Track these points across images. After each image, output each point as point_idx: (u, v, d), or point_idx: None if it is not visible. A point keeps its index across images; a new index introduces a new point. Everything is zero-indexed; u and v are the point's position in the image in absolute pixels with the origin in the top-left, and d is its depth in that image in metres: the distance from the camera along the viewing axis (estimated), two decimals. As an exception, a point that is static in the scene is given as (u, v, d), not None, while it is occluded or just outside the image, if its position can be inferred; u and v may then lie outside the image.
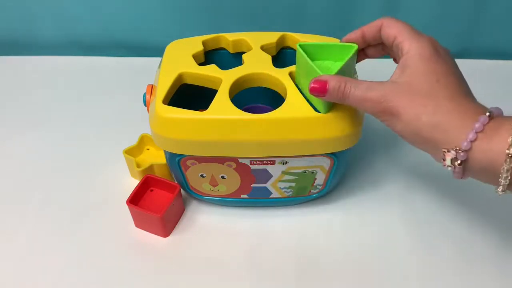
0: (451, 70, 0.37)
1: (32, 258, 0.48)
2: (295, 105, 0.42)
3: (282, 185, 0.49)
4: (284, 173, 0.47)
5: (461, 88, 0.36)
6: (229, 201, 0.51)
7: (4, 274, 0.47)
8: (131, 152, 0.54)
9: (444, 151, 0.34)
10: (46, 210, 0.52)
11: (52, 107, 0.65)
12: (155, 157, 0.55)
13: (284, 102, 0.43)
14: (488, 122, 0.33)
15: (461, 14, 0.69)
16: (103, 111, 0.64)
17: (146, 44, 0.74)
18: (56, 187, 0.54)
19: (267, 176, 0.47)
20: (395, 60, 0.42)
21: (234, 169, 0.46)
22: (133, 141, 0.54)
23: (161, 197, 0.50)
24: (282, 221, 0.51)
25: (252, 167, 0.46)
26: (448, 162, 0.34)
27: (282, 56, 0.51)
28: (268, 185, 0.49)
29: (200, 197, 0.52)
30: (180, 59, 0.47)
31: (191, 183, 0.49)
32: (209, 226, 0.51)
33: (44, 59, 0.72)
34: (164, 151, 0.46)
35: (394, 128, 0.37)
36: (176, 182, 0.50)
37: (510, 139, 0.32)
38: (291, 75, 0.45)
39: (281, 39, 0.51)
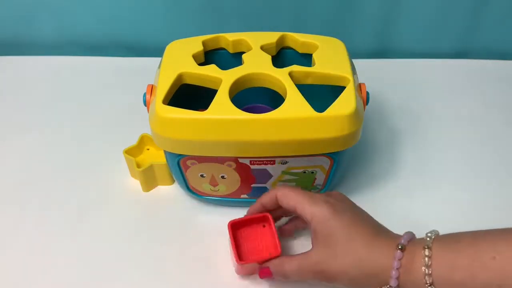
0: (355, 217, 0.41)
1: (32, 258, 0.48)
2: (295, 105, 0.42)
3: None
4: (284, 173, 0.47)
5: (369, 230, 0.40)
6: (229, 201, 0.51)
7: (4, 274, 0.47)
8: (131, 152, 0.54)
9: None
10: (46, 210, 0.52)
11: (52, 107, 0.65)
12: (155, 157, 0.55)
13: (284, 102, 0.42)
14: (402, 257, 0.37)
15: (461, 14, 0.69)
16: (103, 111, 0.64)
17: (146, 44, 0.73)
18: (56, 187, 0.54)
19: (267, 176, 0.47)
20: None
21: (234, 169, 0.46)
22: (133, 141, 0.54)
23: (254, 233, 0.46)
24: (282, 221, 0.51)
25: (252, 167, 0.46)
26: None
27: (282, 56, 0.51)
28: (268, 185, 0.49)
29: (200, 197, 0.51)
30: (180, 59, 0.47)
31: (191, 183, 0.49)
32: (209, 226, 0.51)
33: (44, 59, 0.72)
34: (164, 151, 0.46)
35: (339, 285, 0.41)
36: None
37: (423, 269, 0.36)
38: (291, 75, 0.45)
39: (281, 39, 0.51)
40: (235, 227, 0.45)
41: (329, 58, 0.47)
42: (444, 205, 0.53)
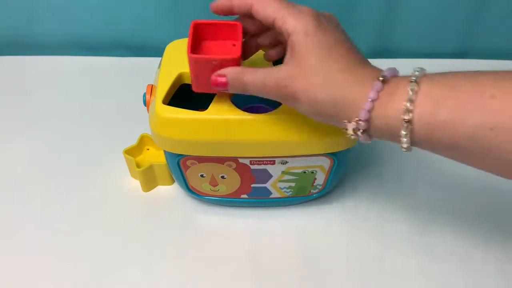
0: (340, 40, 0.36)
1: (32, 258, 0.48)
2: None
3: (282, 185, 0.49)
4: (284, 173, 0.47)
5: (351, 56, 0.35)
6: (229, 201, 0.51)
7: (4, 274, 0.47)
8: (131, 152, 0.54)
9: (345, 122, 0.35)
10: (46, 210, 0.52)
11: (52, 107, 0.65)
12: (155, 157, 0.55)
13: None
14: (382, 89, 0.33)
15: (461, 14, 0.69)
16: (103, 111, 0.64)
17: (146, 44, 0.73)
18: (56, 187, 0.54)
19: (267, 176, 0.47)
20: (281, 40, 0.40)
21: (234, 169, 0.46)
22: (133, 141, 0.54)
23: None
24: (282, 221, 0.51)
25: (252, 167, 0.46)
26: (350, 131, 0.35)
27: (282, 56, 0.51)
28: (268, 185, 0.49)
29: (200, 197, 0.52)
30: (180, 59, 0.47)
31: (191, 183, 0.49)
32: (209, 226, 0.51)
33: (44, 59, 0.72)
34: (164, 151, 0.46)
35: (298, 110, 0.37)
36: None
37: (404, 104, 0.32)
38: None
39: (281, 39, 0.51)
40: (198, 31, 0.40)
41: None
42: (446, 203, 0.53)
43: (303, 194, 0.51)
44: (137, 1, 0.69)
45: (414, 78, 0.32)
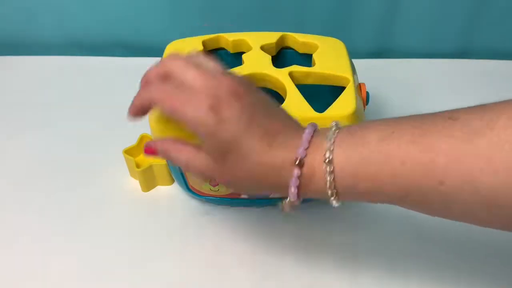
0: (252, 122, 0.33)
1: (32, 258, 0.48)
2: (294, 105, 0.42)
3: (282, 185, 0.49)
4: (283, 173, 0.47)
5: (265, 141, 0.33)
6: (229, 201, 0.51)
7: (4, 274, 0.47)
8: (130, 152, 0.54)
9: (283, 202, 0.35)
10: (45, 210, 0.52)
11: (52, 107, 0.65)
12: (155, 157, 0.55)
13: (284, 102, 0.43)
14: (301, 174, 0.33)
15: (461, 14, 0.69)
16: (103, 111, 0.64)
17: (146, 44, 0.73)
18: (56, 187, 0.54)
19: (266, 176, 0.47)
20: None
21: (233, 169, 0.46)
22: (133, 141, 0.54)
23: None
24: (281, 221, 0.51)
25: (252, 167, 0.46)
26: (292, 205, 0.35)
27: (282, 56, 0.51)
28: (268, 185, 0.49)
29: (200, 197, 0.51)
30: (180, 59, 0.47)
31: (191, 183, 0.49)
32: (209, 226, 0.51)
33: (44, 59, 0.72)
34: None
35: (234, 191, 0.39)
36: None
37: (326, 180, 0.32)
38: (291, 75, 0.45)
39: (281, 39, 0.51)
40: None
41: (329, 58, 0.47)
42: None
43: (303, 194, 0.51)
44: (137, 1, 0.69)
45: (328, 157, 0.32)
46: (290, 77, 0.45)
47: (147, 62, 0.60)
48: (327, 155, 0.32)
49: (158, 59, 0.48)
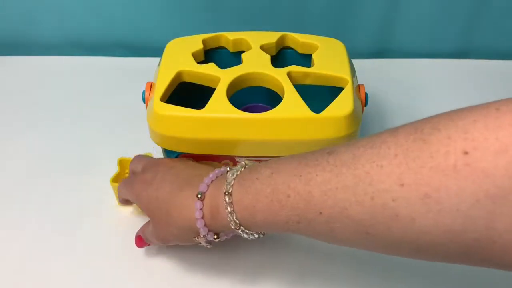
0: (156, 192, 0.41)
1: (30, 259, 0.48)
2: (292, 105, 0.42)
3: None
4: (282, 172, 0.47)
5: (172, 193, 0.40)
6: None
7: (4, 274, 0.47)
8: (117, 179, 0.51)
9: (196, 240, 0.40)
10: (44, 210, 0.52)
11: (52, 107, 0.65)
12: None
13: (281, 102, 0.42)
14: (203, 206, 0.37)
15: (461, 14, 0.69)
16: (102, 111, 0.64)
17: (146, 44, 0.73)
18: (55, 187, 0.54)
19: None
20: None
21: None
22: (132, 142, 0.54)
23: None
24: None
25: (250, 166, 0.46)
26: (204, 243, 0.40)
27: (281, 56, 0.51)
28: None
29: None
30: (180, 57, 0.47)
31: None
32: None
33: (44, 59, 0.72)
34: (162, 148, 0.46)
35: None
36: None
37: (227, 215, 0.35)
38: (289, 75, 0.45)
39: (281, 39, 0.51)
40: None
41: (329, 59, 0.47)
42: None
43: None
44: (137, 1, 0.69)
45: (226, 191, 0.35)
46: (288, 77, 0.45)
47: (147, 62, 0.61)
48: (227, 187, 0.35)
49: (158, 59, 0.49)
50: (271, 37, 0.50)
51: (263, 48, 0.48)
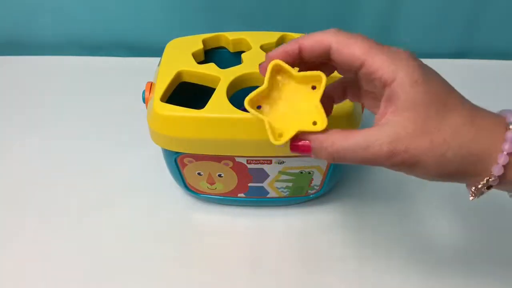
0: (449, 87, 0.32)
1: (31, 258, 0.48)
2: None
3: (279, 184, 0.49)
4: (280, 172, 0.47)
5: (466, 105, 0.31)
6: (227, 199, 0.51)
7: (5, 275, 0.47)
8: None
9: (473, 179, 0.30)
10: (46, 210, 0.52)
11: (52, 107, 0.65)
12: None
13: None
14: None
15: (461, 14, 0.69)
16: (103, 111, 0.64)
17: (146, 44, 0.74)
18: (56, 187, 0.54)
19: (263, 175, 0.47)
20: (356, 91, 0.35)
21: (231, 167, 0.46)
22: (133, 141, 0.54)
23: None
24: (280, 221, 0.51)
25: (249, 166, 0.46)
26: (474, 190, 0.31)
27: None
28: (265, 184, 0.49)
29: (198, 195, 0.52)
30: (180, 57, 0.47)
31: (189, 181, 0.49)
32: (207, 224, 0.51)
33: (44, 59, 0.72)
34: (162, 148, 0.46)
35: (415, 175, 0.31)
36: None
37: None
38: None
39: (281, 39, 0.51)
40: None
41: None
42: (445, 203, 0.53)
43: (300, 195, 0.51)
44: (137, 1, 0.69)
45: None
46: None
47: (147, 62, 0.61)
48: None
49: (158, 59, 0.49)
50: (271, 37, 0.50)
51: (263, 48, 0.48)
